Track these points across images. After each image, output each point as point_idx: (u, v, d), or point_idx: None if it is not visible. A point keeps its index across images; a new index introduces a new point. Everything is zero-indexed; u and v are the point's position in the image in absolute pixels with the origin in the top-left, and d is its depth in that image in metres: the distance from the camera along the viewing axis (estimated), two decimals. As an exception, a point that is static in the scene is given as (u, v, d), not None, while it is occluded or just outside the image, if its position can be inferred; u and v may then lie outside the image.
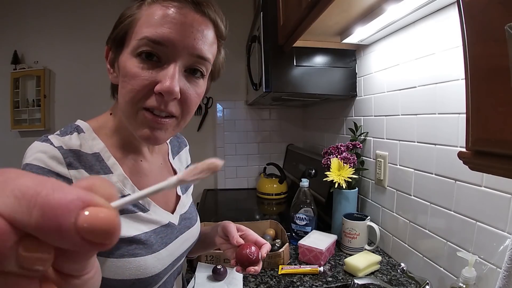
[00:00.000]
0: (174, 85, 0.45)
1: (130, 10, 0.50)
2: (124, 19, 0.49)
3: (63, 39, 2.02)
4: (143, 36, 0.45)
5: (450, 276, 0.74)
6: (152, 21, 0.45)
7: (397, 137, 0.98)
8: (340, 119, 1.43)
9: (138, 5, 0.49)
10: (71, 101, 2.09)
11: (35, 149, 0.46)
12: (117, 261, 0.48)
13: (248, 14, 1.89)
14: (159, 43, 0.45)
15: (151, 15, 0.46)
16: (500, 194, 0.61)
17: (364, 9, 0.86)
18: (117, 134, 0.55)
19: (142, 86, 0.46)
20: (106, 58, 0.53)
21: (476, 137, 0.38)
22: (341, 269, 0.94)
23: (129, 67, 0.46)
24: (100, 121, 0.56)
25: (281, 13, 1.18)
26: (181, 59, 0.47)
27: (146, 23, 0.46)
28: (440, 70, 0.78)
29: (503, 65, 0.32)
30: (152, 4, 0.47)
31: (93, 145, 0.52)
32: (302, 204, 1.11)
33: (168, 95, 0.45)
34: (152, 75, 0.46)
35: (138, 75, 0.45)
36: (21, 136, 2.10)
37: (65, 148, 0.48)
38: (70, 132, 0.51)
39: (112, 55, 0.52)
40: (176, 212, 0.62)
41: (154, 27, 0.45)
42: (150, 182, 0.58)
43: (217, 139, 2.12)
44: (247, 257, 0.55)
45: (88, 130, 0.53)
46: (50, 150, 0.46)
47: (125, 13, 0.50)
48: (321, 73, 1.24)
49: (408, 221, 0.92)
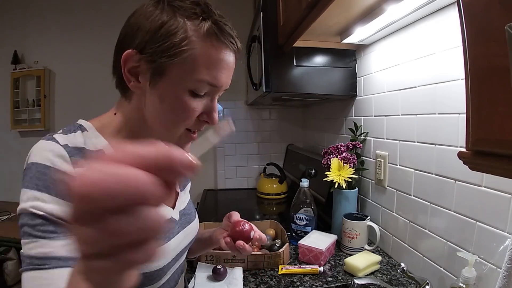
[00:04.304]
0: (217, 118, 0.55)
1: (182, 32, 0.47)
2: (177, 45, 0.47)
3: (63, 39, 2.02)
4: (202, 79, 0.50)
5: (450, 276, 0.74)
6: (210, 65, 0.50)
7: (397, 137, 0.98)
8: (340, 119, 1.43)
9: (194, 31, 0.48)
10: (71, 101, 2.09)
11: (41, 148, 0.47)
12: None
13: (248, 14, 1.89)
14: (215, 86, 0.52)
15: (209, 57, 0.50)
16: (500, 194, 0.61)
17: (364, 9, 0.86)
18: (121, 133, 0.56)
19: (193, 116, 0.53)
20: (124, 62, 0.49)
21: (476, 137, 0.38)
22: (341, 269, 0.94)
23: (182, 100, 0.51)
24: (103, 121, 0.57)
25: (281, 13, 1.18)
26: (219, 93, 0.56)
27: (204, 65, 0.49)
28: (440, 70, 0.78)
29: (503, 65, 0.32)
30: (208, 39, 0.49)
31: (97, 143, 0.53)
32: (302, 204, 1.11)
33: (212, 125, 0.54)
34: (200, 107, 0.53)
35: (191, 108, 0.52)
36: (21, 136, 2.10)
37: (70, 146, 0.48)
38: (74, 130, 0.52)
39: (143, 67, 0.50)
40: (176, 208, 0.64)
41: (213, 72, 0.50)
42: None
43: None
44: (239, 232, 0.58)
45: (91, 129, 0.54)
46: (56, 148, 0.47)
47: (175, 33, 0.47)
48: (321, 73, 1.24)
49: (408, 221, 0.92)
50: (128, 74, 0.51)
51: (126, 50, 0.49)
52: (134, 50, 0.49)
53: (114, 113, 0.58)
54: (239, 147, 2.14)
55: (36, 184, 0.44)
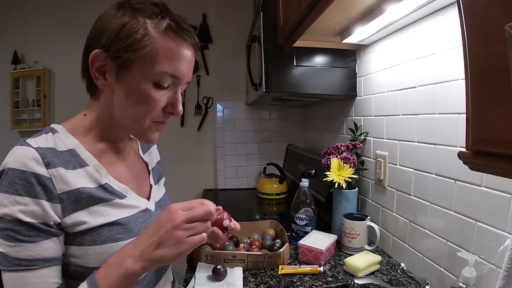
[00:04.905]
0: (181, 109, 0.60)
1: (143, 29, 0.52)
2: (139, 40, 0.52)
3: (63, 39, 2.02)
4: (164, 71, 0.54)
5: (450, 276, 0.74)
6: (171, 57, 0.54)
7: (397, 137, 0.98)
8: (340, 119, 1.43)
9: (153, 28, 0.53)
10: (71, 101, 2.07)
11: (16, 153, 0.50)
12: (100, 247, 0.52)
13: (248, 14, 1.89)
14: (177, 77, 0.56)
15: (169, 50, 0.54)
16: (500, 194, 0.61)
17: (364, 9, 0.86)
18: (91, 132, 0.60)
19: (158, 108, 0.57)
20: (91, 62, 0.54)
21: (476, 137, 0.38)
22: (341, 269, 0.94)
23: (147, 92, 0.54)
24: (73, 122, 0.61)
25: (281, 13, 1.18)
26: (181, 86, 0.59)
27: (165, 57, 0.53)
28: (440, 70, 0.78)
29: (503, 65, 0.32)
30: (167, 34, 0.53)
31: (68, 142, 0.56)
32: (302, 204, 1.11)
33: (177, 115, 0.60)
34: (164, 99, 0.57)
35: (156, 100, 0.55)
36: (21, 136, 2.10)
37: (42, 147, 0.51)
38: (45, 132, 0.56)
39: (109, 65, 0.54)
40: (152, 200, 0.67)
41: (173, 64, 0.54)
42: (124, 171, 0.64)
43: (217, 139, 2.12)
44: (218, 220, 0.60)
45: (62, 130, 0.57)
46: (29, 152, 0.50)
47: (137, 30, 0.52)
48: (321, 73, 1.24)
49: (408, 221, 0.92)
50: (96, 72, 0.55)
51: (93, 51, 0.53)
52: (100, 50, 0.53)
53: (84, 114, 0.61)
54: (239, 147, 2.14)
55: (16, 190, 0.47)
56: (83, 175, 0.54)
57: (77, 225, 0.51)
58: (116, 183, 0.59)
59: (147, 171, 0.73)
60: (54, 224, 0.49)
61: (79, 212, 0.52)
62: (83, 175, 0.54)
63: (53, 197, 0.49)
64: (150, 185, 0.70)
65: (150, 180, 0.71)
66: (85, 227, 0.52)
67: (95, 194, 0.54)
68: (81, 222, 0.52)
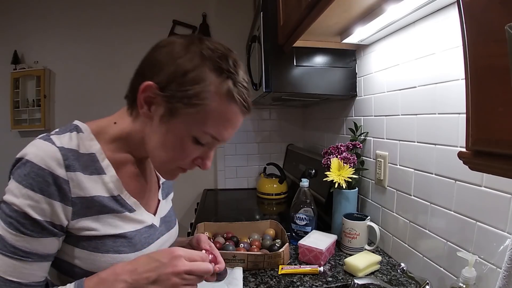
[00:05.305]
0: (209, 165, 0.59)
1: (204, 85, 0.50)
2: (196, 95, 0.50)
3: (63, 39, 2.03)
4: (209, 132, 0.53)
5: (450, 276, 0.74)
6: (219, 122, 0.53)
7: (397, 137, 0.98)
8: (340, 119, 1.43)
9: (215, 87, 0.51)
10: (71, 101, 2.09)
11: (38, 147, 0.49)
12: (102, 255, 0.52)
13: (248, 14, 1.89)
14: (217, 140, 0.55)
15: (221, 115, 0.53)
16: (500, 194, 0.61)
17: (364, 9, 0.86)
18: (116, 142, 0.59)
19: (189, 159, 0.57)
20: (142, 90, 0.51)
21: (476, 137, 0.38)
22: (341, 269, 0.94)
23: (184, 143, 0.54)
24: (100, 125, 0.58)
25: (281, 13, 1.18)
26: (218, 145, 0.59)
27: (214, 121, 0.53)
28: (440, 70, 0.78)
29: (503, 65, 0.32)
30: (225, 98, 0.52)
31: (91, 146, 0.55)
32: (302, 204, 1.11)
33: (202, 169, 0.60)
34: (197, 152, 0.56)
35: (189, 152, 0.55)
36: (21, 136, 2.10)
37: (66, 148, 0.50)
38: (69, 130, 0.54)
39: (158, 101, 0.52)
40: (157, 215, 0.67)
41: (220, 128, 0.54)
42: (138, 186, 0.63)
43: (217, 139, 2.12)
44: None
45: (87, 131, 0.56)
46: (52, 151, 0.49)
47: (198, 82, 0.50)
48: (321, 73, 1.24)
49: (408, 221, 0.92)
50: (143, 101, 0.53)
51: (147, 80, 0.51)
52: (155, 84, 0.51)
53: (114, 122, 0.59)
54: (239, 147, 2.14)
55: (30, 184, 0.47)
56: (99, 182, 0.54)
57: (84, 230, 0.51)
58: (128, 196, 0.58)
59: (157, 185, 0.73)
60: (59, 225, 0.49)
61: (88, 218, 0.52)
62: (99, 183, 0.54)
63: (66, 199, 0.49)
64: (158, 200, 0.70)
65: (159, 195, 0.71)
66: (92, 233, 0.52)
67: (107, 204, 0.54)
68: (90, 228, 0.52)
